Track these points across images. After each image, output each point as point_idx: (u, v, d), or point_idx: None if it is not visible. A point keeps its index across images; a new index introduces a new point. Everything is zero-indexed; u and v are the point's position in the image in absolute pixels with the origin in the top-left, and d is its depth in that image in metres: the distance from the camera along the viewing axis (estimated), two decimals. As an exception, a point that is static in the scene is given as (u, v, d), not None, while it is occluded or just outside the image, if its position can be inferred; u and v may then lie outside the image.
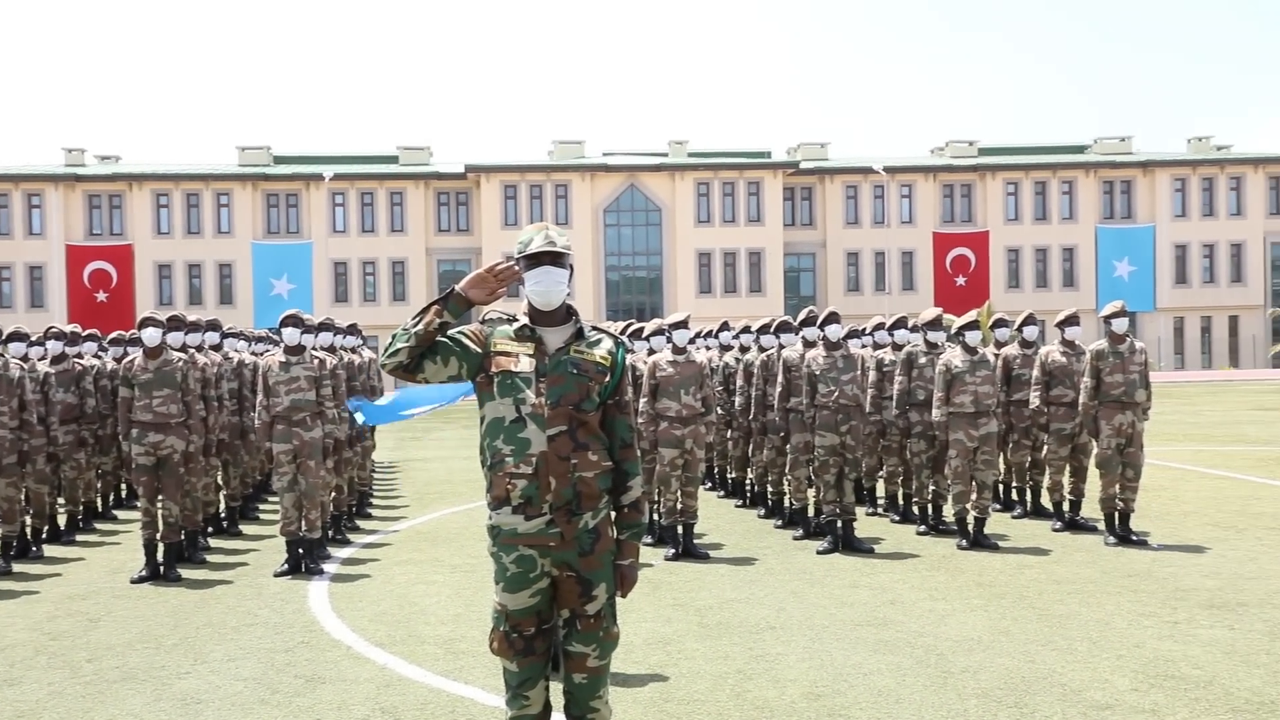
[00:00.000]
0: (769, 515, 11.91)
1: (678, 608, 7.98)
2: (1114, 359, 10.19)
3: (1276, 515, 11.36)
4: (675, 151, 60.35)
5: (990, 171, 60.14)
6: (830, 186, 60.14)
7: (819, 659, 6.57)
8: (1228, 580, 8.40)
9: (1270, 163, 60.39)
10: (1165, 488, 13.46)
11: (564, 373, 4.22)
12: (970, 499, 10.17)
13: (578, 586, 4.23)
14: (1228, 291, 60.19)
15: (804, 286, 60.29)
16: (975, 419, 10.20)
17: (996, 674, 6.19)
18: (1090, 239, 60.11)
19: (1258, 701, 5.63)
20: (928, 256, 59.89)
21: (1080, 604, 7.79)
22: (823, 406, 10.14)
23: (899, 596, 8.15)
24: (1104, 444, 10.16)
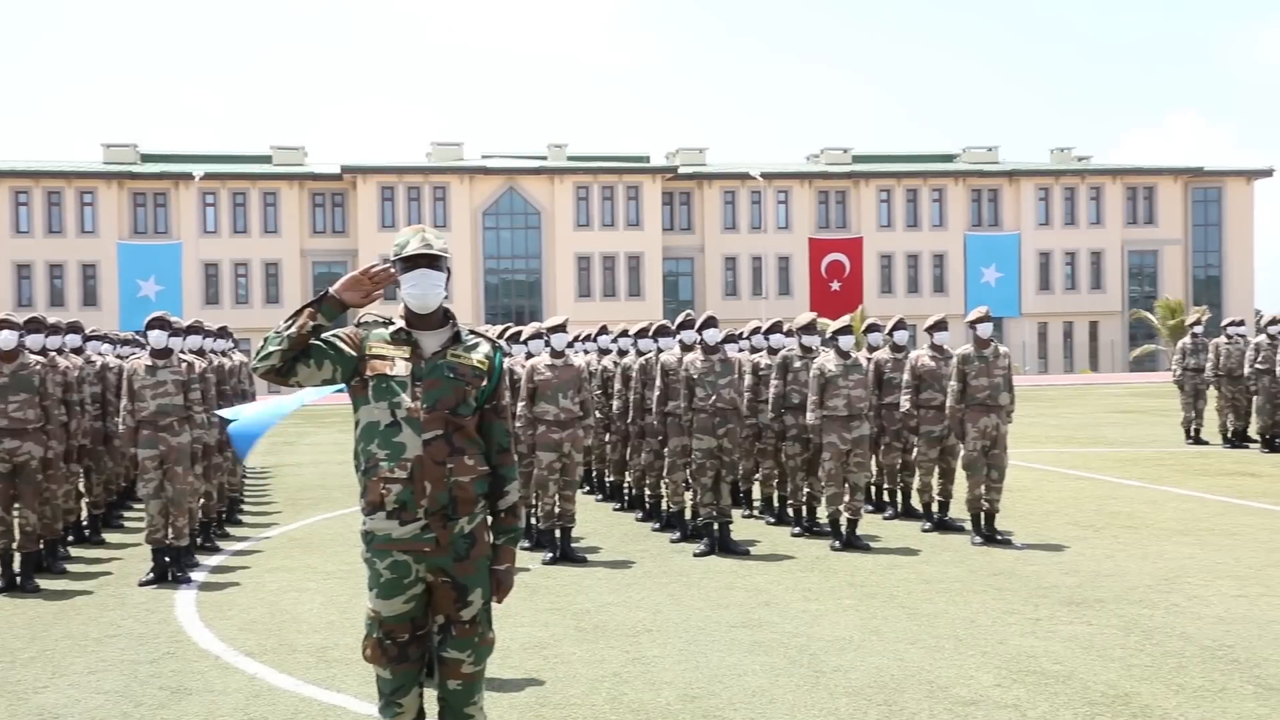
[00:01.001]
0: (647, 518, 11.97)
1: (555, 612, 7.98)
2: (979, 363, 10.47)
3: (1132, 514, 11.79)
4: (555, 155, 60.27)
5: (864, 179, 61.33)
6: (708, 192, 60.68)
7: (695, 661, 6.63)
8: (1086, 578, 8.69)
9: (1127, 173, 62.69)
10: (1029, 488, 13.87)
11: (440, 377, 4.20)
12: (843, 501, 10.35)
13: (453, 592, 4.20)
14: (1088, 298, 62.30)
15: (682, 291, 60.71)
16: (848, 422, 10.38)
17: (867, 672, 6.32)
18: (959, 246, 61.66)
19: (1113, 694, 5.84)
20: (803, 262, 60.82)
21: (948, 602, 7.98)
22: (700, 410, 10.22)
23: (774, 598, 8.26)
24: (970, 446, 10.43)
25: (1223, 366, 18.52)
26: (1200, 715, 5.49)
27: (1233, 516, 11.51)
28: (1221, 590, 8.14)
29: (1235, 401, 18.56)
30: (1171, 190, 62.72)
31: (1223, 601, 7.80)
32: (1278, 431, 17.45)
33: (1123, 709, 5.61)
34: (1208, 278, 63.46)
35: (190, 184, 54.56)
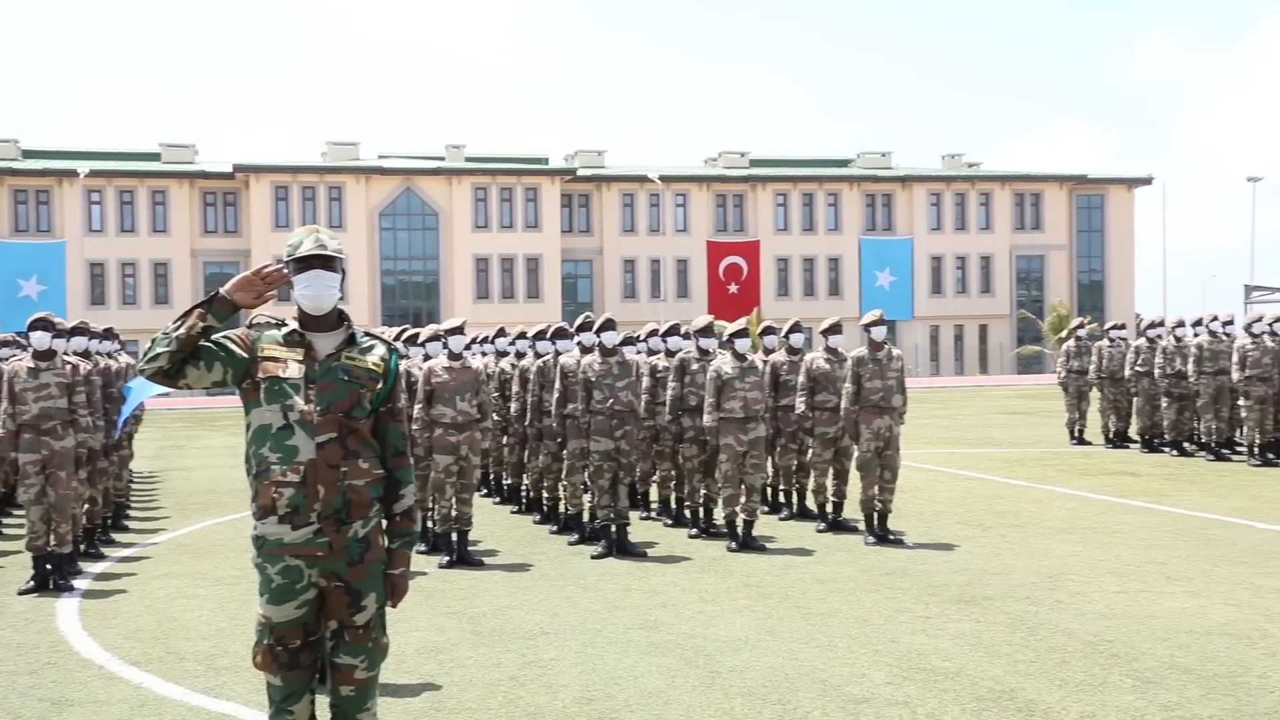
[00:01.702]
0: (544, 521, 11.95)
1: (451, 616, 7.93)
2: (873, 365, 10.64)
3: (1019, 514, 12.08)
4: (452, 156, 59.85)
5: (761, 182, 61.94)
6: (607, 194, 60.75)
7: (591, 663, 6.64)
8: (975, 576, 8.89)
9: (1015, 180, 64.23)
10: (920, 488, 14.14)
11: (334, 379, 4.15)
12: (739, 502, 10.44)
13: (346, 597, 4.15)
14: (978, 301, 63.69)
15: (581, 293, 60.70)
16: (744, 424, 10.48)
17: (762, 672, 6.38)
18: (854, 250, 62.60)
19: (999, 690, 5.98)
20: (701, 264, 61.20)
21: (841, 602, 8.10)
22: (598, 412, 10.24)
23: (670, 599, 8.31)
24: (864, 447, 10.60)
25: (1105, 369, 19.06)
26: (1082, 709, 5.65)
27: (1114, 515, 11.86)
28: (1103, 587, 8.39)
29: (1117, 403, 19.12)
30: (1057, 197, 64.42)
31: (1104, 598, 8.04)
32: (1157, 432, 18.01)
33: (1008, 704, 5.75)
34: (1091, 282, 65.31)
35: (75, 181, 53.06)
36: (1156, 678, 6.12)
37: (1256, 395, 15.87)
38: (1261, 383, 15.85)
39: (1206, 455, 16.84)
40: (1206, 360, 16.60)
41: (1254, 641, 6.80)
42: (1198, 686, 5.95)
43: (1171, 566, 9.07)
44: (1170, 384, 17.32)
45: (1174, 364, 17.25)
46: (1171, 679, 6.09)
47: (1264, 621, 7.26)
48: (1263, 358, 15.90)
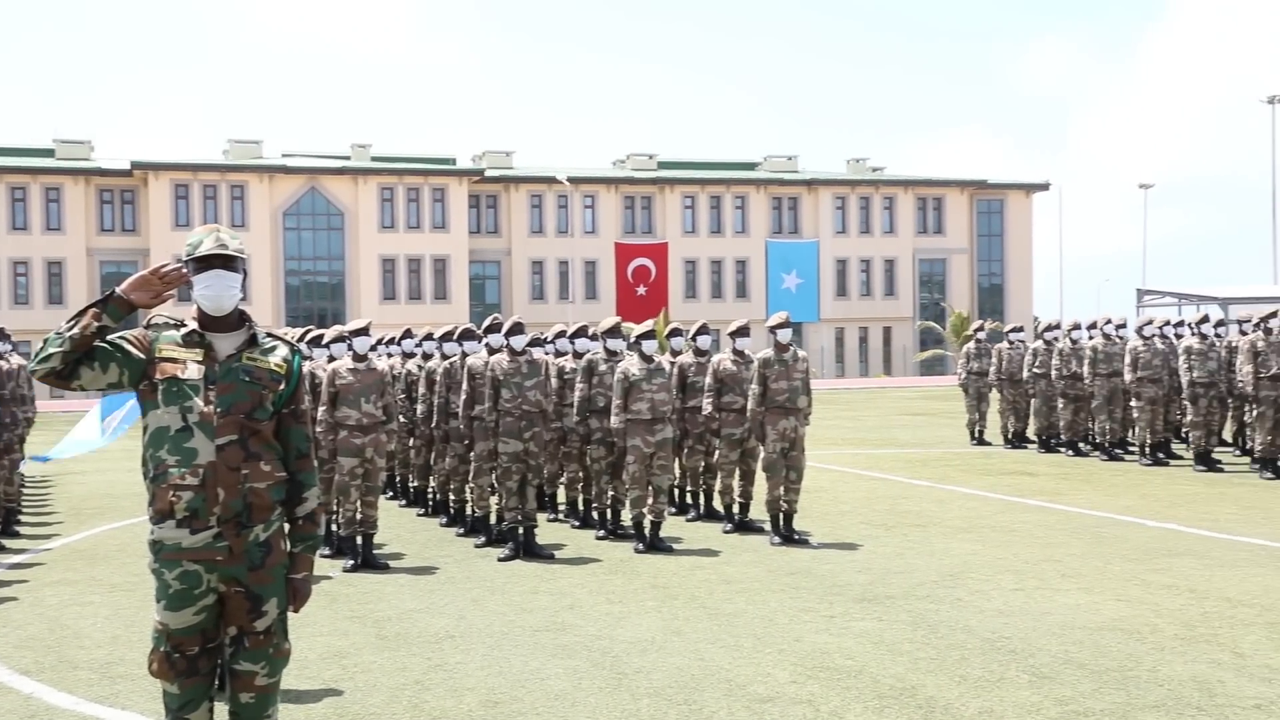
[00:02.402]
0: (451, 523, 11.87)
1: (355, 620, 7.84)
2: (779, 367, 10.74)
3: (921, 513, 12.29)
4: (358, 155, 59.17)
5: (669, 185, 62.18)
6: (515, 195, 60.53)
7: (497, 666, 6.61)
8: (878, 575, 9.02)
9: (918, 185, 65.31)
10: (825, 489, 14.30)
11: (235, 380, 4.09)
12: (647, 503, 10.48)
13: (246, 602, 4.09)
14: (882, 304, 64.62)
15: (489, 294, 60.40)
16: (652, 425, 10.51)
17: (668, 673, 6.41)
18: (761, 252, 63.13)
19: (900, 687, 6.08)
20: (610, 266, 61.26)
21: (747, 602, 8.17)
22: (506, 413, 10.20)
23: (578, 601, 8.31)
24: (769, 448, 10.70)
25: (1004, 371, 19.46)
26: (980, 704, 5.77)
27: (1012, 514, 12.11)
28: (1001, 584, 8.56)
29: (1015, 404, 19.54)
30: (958, 202, 65.62)
31: (1002, 595, 8.21)
32: (1053, 433, 18.43)
33: (909, 700, 5.85)
34: (991, 286, 66.65)
35: (-36, 176, 51.47)
36: (1052, 673, 6.26)
37: (1147, 396, 16.32)
38: (1152, 384, 16.30)
39: (1100, 455, 17.28)
40: (1101, 362, 17.03)
41: (1144, 636, 6.99)
42: (1090, 681, 6.11)
43: (1067, 564, 9.29)
44: (1066, 385, 17.73)
45: (1070, 366, 17.66)
46: (1066, 674, 6.24)
47: (1153, 617, 7.47)
48: (1153, 360, 16.36)
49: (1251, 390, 14.74)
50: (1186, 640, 6.88)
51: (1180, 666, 6.33)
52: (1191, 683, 6.04)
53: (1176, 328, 17.75)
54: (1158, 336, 16.78)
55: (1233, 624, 7.24)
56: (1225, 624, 7.25)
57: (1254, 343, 14.82)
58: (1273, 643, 6.79)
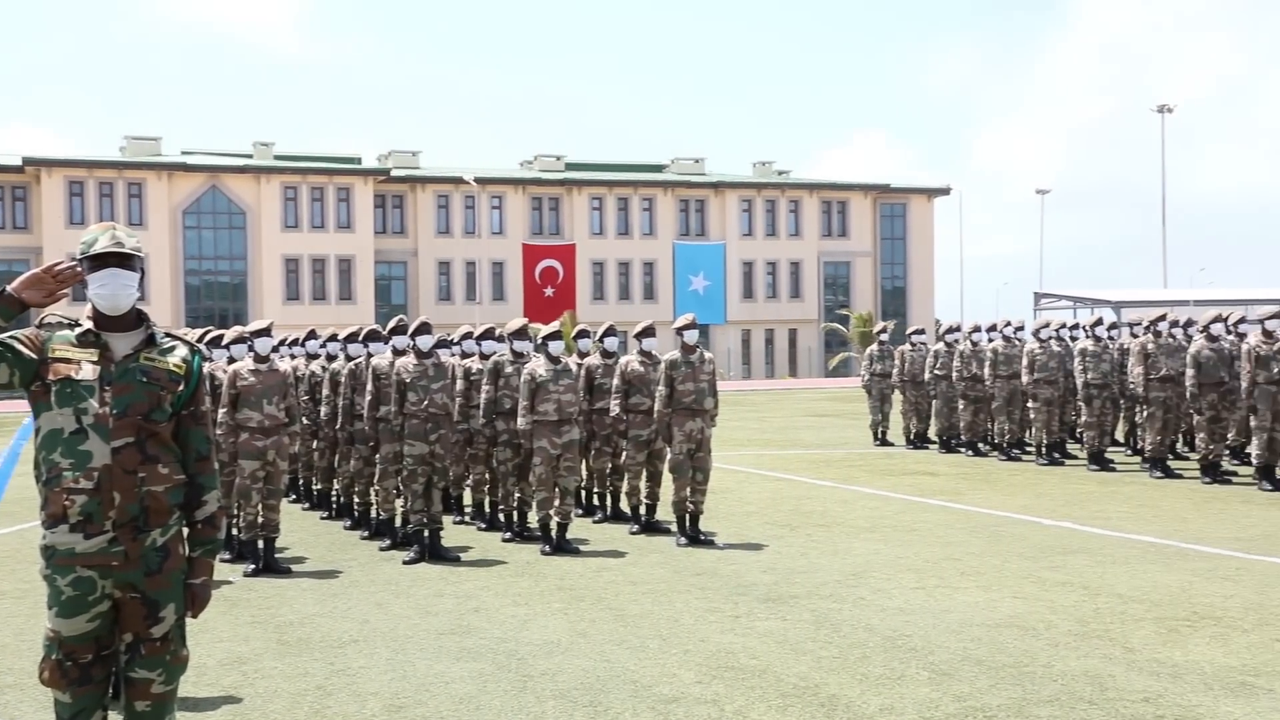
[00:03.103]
0: (355, 526, 11.74)
1: (256, 625, 7.72)
2: (686, 368, 10.80)
3: (825, 513, 12.44)
4: (261, 153, 58.24)
5: (576, 186, 62.15)
6: (422, 195, 60.06)
7: (401, 670, 6.55)
8: (782, 575, 9.11)
9: (822, 188, 66.12)
10: (731, 490, 14.41)
11: (132, 381, 4.00)
12: (553, 505, 10.46)
13: (143, 608, 4.00)
14: (788, 306, 65.29)
15: (395, 295, 59.86)
16: (558, 427, 10.50)
17: (574, 675, 6.41)
18: (669, 254, 63.40)
19: (803, 686, 6.15)
20: (517, 267, 61.08)
21: (653, 603, 8.20)
22: (411, 415, 10.12)
23: (483, 604, 8.27)
24: (676, 449, 10.75)
25: (907, 372, 19.78)
26: (881, 702, 5.86)
27: (913, 513, 12.32)
28: (902, 583, 8.71)
29: (917, 405, 19.87)
30: (862, 205, 66.55)
31: (903, 594, 8.35)
32: (954, 433, 18.77)
33: (812, 699, 5.92)
34: (894, 288, 67.71)
35: None
36: (950, 670, 6.38)
37: (1043, 398, 16.70)
38: (1048, 385, 16.68)
39: (999, 455, 17.64)
40: (1001, 364, 17.38)
41: (1039, 633, 7.16)
42: (988, 677, 6.24)
43: (966, 562, 9.47)
44: (967, 387, 18.07)
45: (970, 368, 18.00)
46: (964, 670, 6.36)
47: (1049, 614, 7.65)
48: (1049, 362, 16.74)
49: (1142, 391, 15.16)
50: (1080, 636, 7.06)
51: (1074, 662, 6.50)
52: (1084, 677, 6.19)
53: (1072, 330, 18.20)
54: (1054, 339, 17.19)
55: (1124, 620, 7.45)
56: (1116, 620, 7.45)
57: (1144, 345, 15.24)
58: (1161, 638, 6.99)
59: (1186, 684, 6.05)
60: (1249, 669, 6.29)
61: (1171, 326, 15.64)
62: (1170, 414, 15.23)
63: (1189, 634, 7.05)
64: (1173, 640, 6.92)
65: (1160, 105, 73.17)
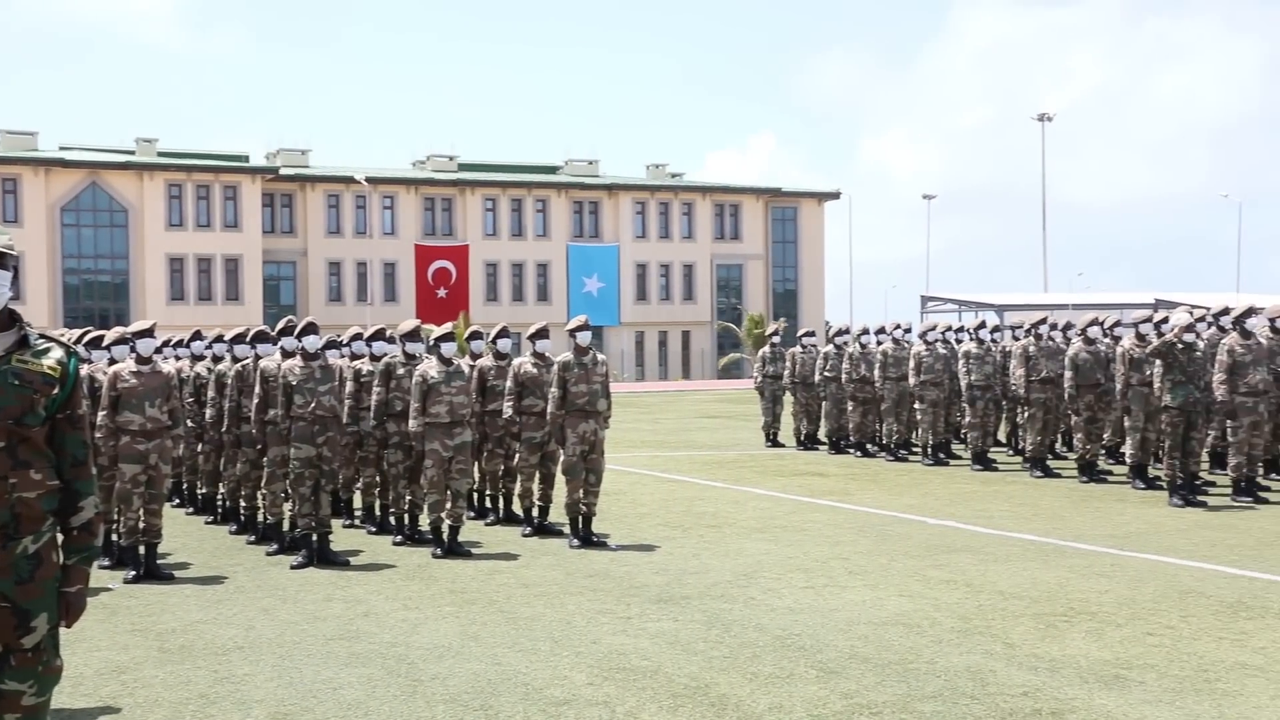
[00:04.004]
0: (241, 531, 11.52)
1: (136, 633, 7.53)
2: (579, 370, 10.80)
3: (717, 514, 12.54)
4: (143, 150, 56.87)
5: (470, 187, 61.79)
6: (312, 194, 59.20)
7: (288, 677, 6.45)
8: (674, 576, 9.16)
9: (715, 191, 66.67)
10: (624, 491, 14.45)
11: (3, 384, 3.88)
12: (445, 508, 10.38)
13: (13, 618, 3.88)
14: (681, 308, 65.69)
15: (284, 295, 58.90)
16: (450, 429, 10.43)
17: (464, 678, 6.37)
18: (562, 255, 63.36)
19: (694, 686, 6.19)
20: (409, 268, 60.52)
21: (545, 605, 8.18)
22: (299, 418, 9.97)
23: (373, 608, 8.17)
24: (569, 451, 10.74)
25: (797, 374, 20.03)
26: (770, 700, 5.93)
27: (803, 514, 12.48)
28: (792, 583, 8.81)
29: (808, 407, 20.12)
30: (754, 209, 67.26)
31: (792, 593, 8.45)
32: (843, 434, 19.06)
33: (702, 699, 5.97)
34: (785, 291, 68.54)
35: None
36: (838, 667, 6.48)
37: (930, 399, 17.04)
38: (934, 387, 17.02)
39: (887, 456, 17.95)
40: (890, 366, 17.67)
41: (924, 630, 7.31)
42: (874, 674, 6.34)
43: (854, 562, 9.63)
44: (856, 388, 18.35)
45: (859, 370, 18.28)
46: (851, 668, 6.47)
47: (933, 611, 7.81)
48: (935, 364, 17.08)
49: (1023, 393, 15.55)
50: (962, 633, 7.22)
51: (956, 658, 6.64)
52: (966, 673, 6.34)
53: (957, 333, 18.58)
54: (939, 342, 17.53)
55: (1004, 616, 7.63)
56: (998, 616, 7.63)
57: (1026, 348, 15.63)
58: (1039, 633, 7.18)
59: (1063, 677, 6.22)
60: (1122, 662, 6.50)
61: (1051, 329, 16.07)
62: (1050, 415, 15.64)
63: (1066, 629, 7.26)
64: (1050, 635, 7.11)
65: (1040, 114, 75.24)
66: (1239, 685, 6.04)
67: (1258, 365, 12.78)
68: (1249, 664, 6.41)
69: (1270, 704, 5.73)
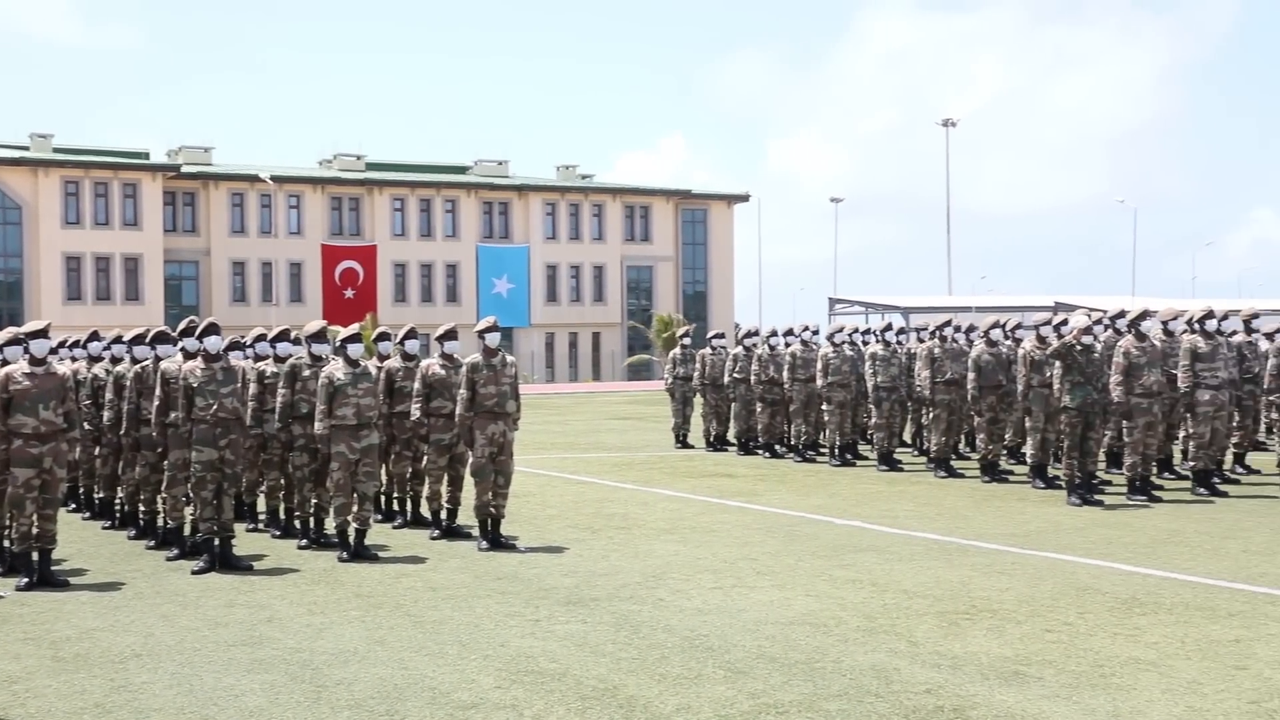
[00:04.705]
0: (140, 536, 11.26)
1: (29, 642, 7.32)
2: (488, 371, 10.74)
3: (626, 516, 12.55)
4: (38, 145, 55.40)
5: (378, 186, 61.16)
6: (215, 193, 58.15)
7: (188, 684, 6.32)
8: (584, 578, 9.15)
9: (626, 193, 66.78)
10: (534, 493, 14.40)
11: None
12: (352, 511, 10.26)
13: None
14: (591, 310, 65.67)
15: (186, 295, 57.80)
16: (357, 431, 10.31)
17: (370, 684, 6.30)
18: (472, 256, 62.99)
19: (603, 688, 6.19)
20: (316, 268, 59.72)
21: (453, 609, 8.12)
22: (200, 421, 9.78)
23: (277, 613, 8.05)
24: (478, 453, 10.68)
25: (707, 376, 20.14)
26: (678, 701, 5.95)
27: (712, 514, 12.55)
28: (700, 584, 8.85)
29: (718, 408, 20.24)
30: (664, 210, 67.49)
31: (701, 594, 8.49)
32: (752, 436, 19.20)
33: (611, 701, 5.97)
34: (695, 293, 68.88)
35: None
36: (746, 668, 6.52)
37: (837, 400, 17.23)
38: (841, 389, 17.22)
39: (795, 457, 18.12)
40: (799, 368, 17.84)
41: (830, 629, 7.39)
42: (781, 674, 6.40)
43: (762, 562, 9.70)
44: (765, 390, 18.51)
45: (768, 371, 18.44)
46: (759, 668, 6.51)
47: (839, 610, 7.90)
48: (842, 366, 17.27)
49: (928, 394, 15.80)
50: (867, 631, 7.31)
51: (861, 656, 6.72)
52: (871, 671, 6.42)
53: (864, 335, 18.82)
54: (846, 344, 17.74)
55: (908, 614, 7.75)
56: (902, 615, 7.74)
57: (930, 350, 15.89)
58: (942, 631, 7.30)
59: (965, 674, 6.33)
60: (1021, 658, 6.63)
61: (955, 332, 16.35)
62: (954, 416, 15.92)
63: (968, 626, 7.39)
64: (953, 633, 7.23)
65: (945, 119, 76.58)
66: (1132, 680, 6.19)
67: (1152, 367, 13.14)
68: (1142, 659, 6.58)
69: (1161, 698, 5.88)
